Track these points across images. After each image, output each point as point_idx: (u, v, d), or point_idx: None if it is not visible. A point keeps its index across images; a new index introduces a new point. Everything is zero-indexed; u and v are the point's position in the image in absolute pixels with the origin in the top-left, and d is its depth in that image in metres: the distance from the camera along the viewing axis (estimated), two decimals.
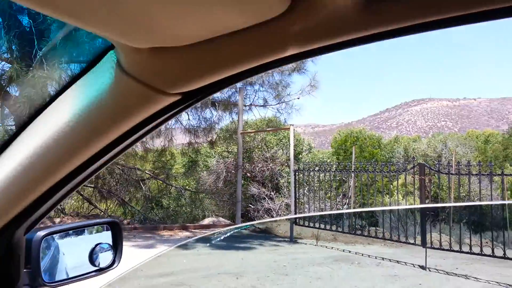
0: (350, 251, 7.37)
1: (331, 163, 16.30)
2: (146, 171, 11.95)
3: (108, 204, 12.39)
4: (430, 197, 10.79)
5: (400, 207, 9.57)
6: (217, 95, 11.72)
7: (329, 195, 12.78)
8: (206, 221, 10.03)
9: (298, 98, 10.91)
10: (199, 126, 11.44)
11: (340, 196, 13.50)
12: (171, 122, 11.43)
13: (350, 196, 10.81)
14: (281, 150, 15.36)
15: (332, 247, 7.78)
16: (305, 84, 10.57)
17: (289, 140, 8.91)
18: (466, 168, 6.36)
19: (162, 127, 11.58)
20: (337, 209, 12.34)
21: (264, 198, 14.00)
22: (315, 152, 22.66)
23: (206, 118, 11.44)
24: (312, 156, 19.03)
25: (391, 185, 9.30)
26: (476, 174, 6.23)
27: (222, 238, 8.31)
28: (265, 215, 13.86)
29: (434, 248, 6.34)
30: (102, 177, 12.35)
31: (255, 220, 13.26)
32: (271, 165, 14.82)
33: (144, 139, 11.00)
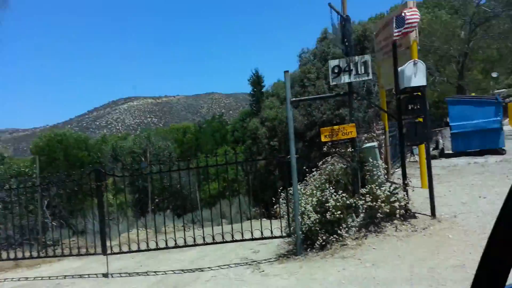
0: (27, 278, 6.49)
1: (30, 172, 14.46)
2: None
3: None
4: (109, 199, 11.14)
5: None
6: None
7: (32, 208, 11.29)
8: None
9: None
10: None
11: (44, 207, 12.21)
12: None
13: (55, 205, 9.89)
14: None
15: (12, 278, 6.64)
16: None
17: None
18: (166, 163, 7.01)
19: None
20: (42, 221, 11.08)
21: None
22: (10, 162, 20.90)
23: None
24: (7, 166, 17.10)
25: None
26: (166, 171, 6.73)
27: None
28: None
29: (115, 253, 6.39)
30: None
31: None
32: None
33: None
